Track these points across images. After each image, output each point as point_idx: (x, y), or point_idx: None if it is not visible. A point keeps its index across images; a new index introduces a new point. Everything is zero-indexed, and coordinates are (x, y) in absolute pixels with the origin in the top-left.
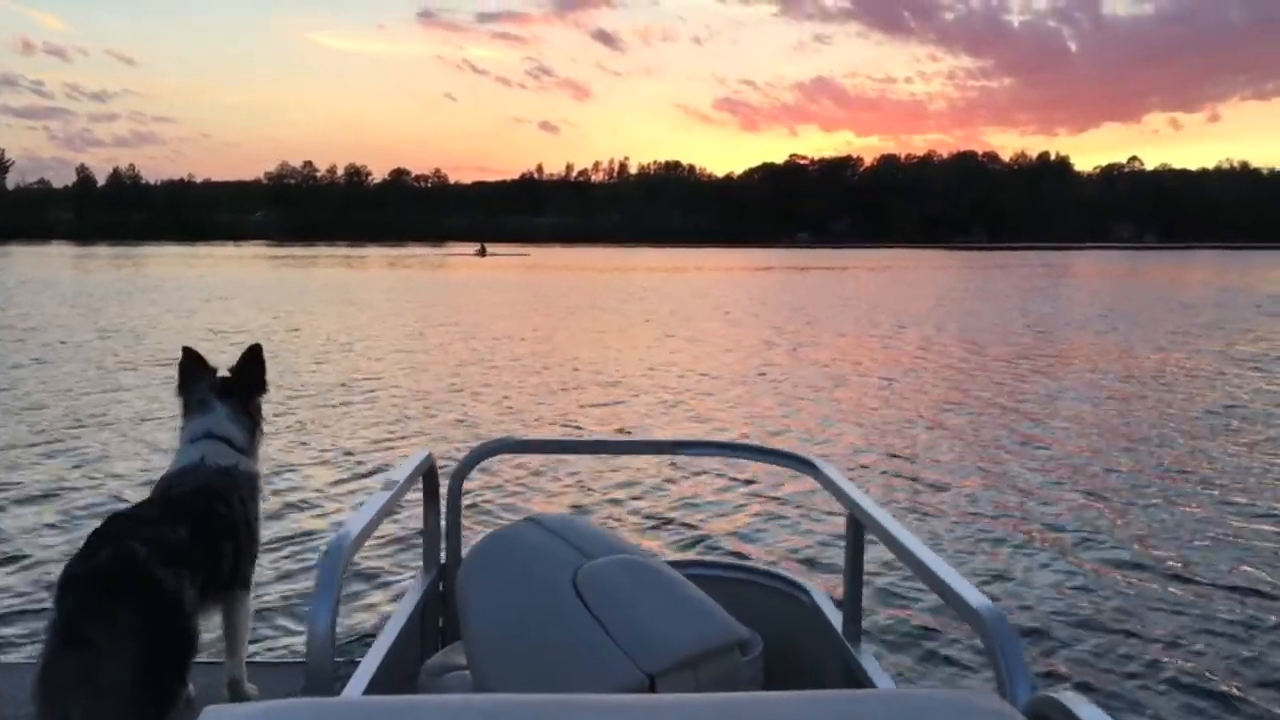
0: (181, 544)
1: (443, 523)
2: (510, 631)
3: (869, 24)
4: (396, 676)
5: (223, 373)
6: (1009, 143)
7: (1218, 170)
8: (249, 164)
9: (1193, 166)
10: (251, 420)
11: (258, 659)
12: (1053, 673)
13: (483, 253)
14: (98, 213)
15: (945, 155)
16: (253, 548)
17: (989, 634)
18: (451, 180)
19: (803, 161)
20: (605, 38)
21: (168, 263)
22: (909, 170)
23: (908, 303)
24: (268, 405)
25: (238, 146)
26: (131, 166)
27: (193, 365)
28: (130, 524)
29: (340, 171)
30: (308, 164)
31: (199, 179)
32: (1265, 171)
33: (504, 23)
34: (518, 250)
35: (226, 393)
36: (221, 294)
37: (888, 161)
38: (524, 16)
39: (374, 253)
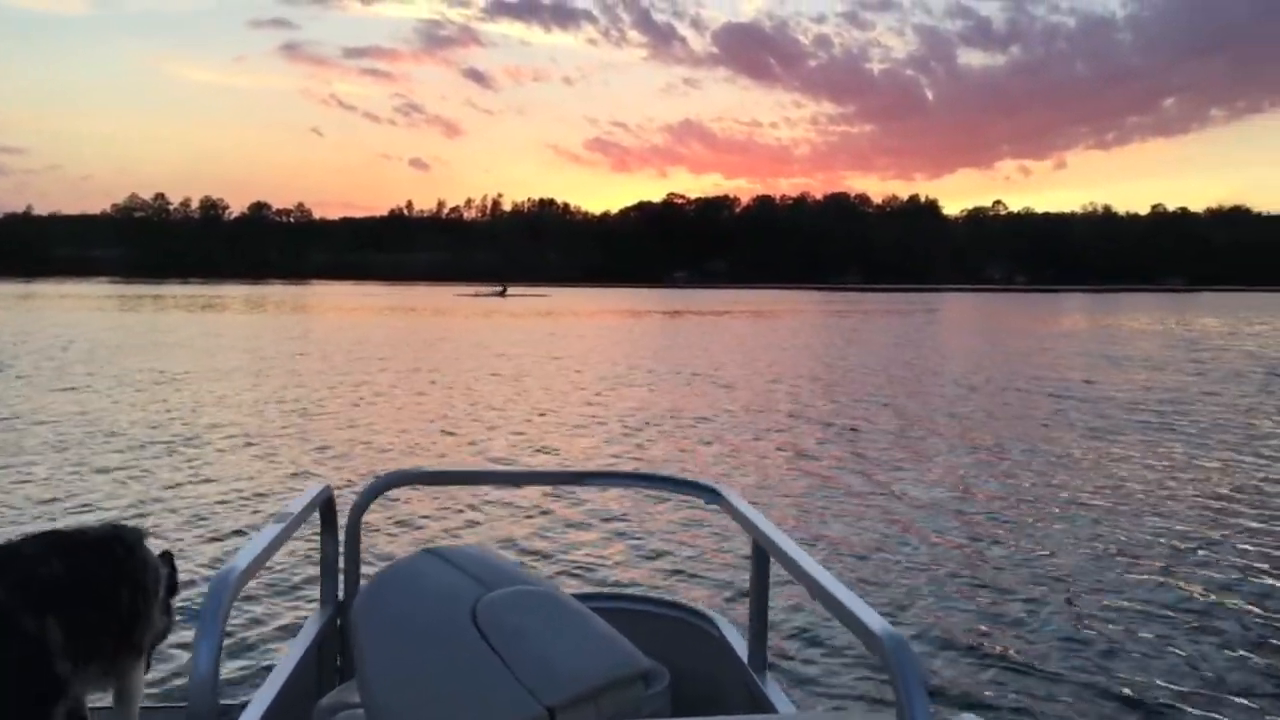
0: (56, 581)
1: (341, 556)
2: (406, 667)
3: (736, 70)
4: (288, 717)
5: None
6: (870, 187)
7: (1079, 214)
8: (103, 197)
9: (1051, 210)
10: (168, 618)
11: (143, 703)
12: (950, 695)
13: (503, 293)
14: None
15: (819, 197)
16: (149, 610)
17: (889, 657)
18: (316, 215)
19: (679, 201)
20: (476, 76)
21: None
22: (784, 211)
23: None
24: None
25: (90, 179)
26: None
27: None
28: None
29: (195, 204)
30: (159, 196)
31: (45, 212)
32: (1124, 215)
33: (372, 58)
34: (538, 292)
35: None
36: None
37: (763, 202)
38: (393, 53)
39: (256, 291)
